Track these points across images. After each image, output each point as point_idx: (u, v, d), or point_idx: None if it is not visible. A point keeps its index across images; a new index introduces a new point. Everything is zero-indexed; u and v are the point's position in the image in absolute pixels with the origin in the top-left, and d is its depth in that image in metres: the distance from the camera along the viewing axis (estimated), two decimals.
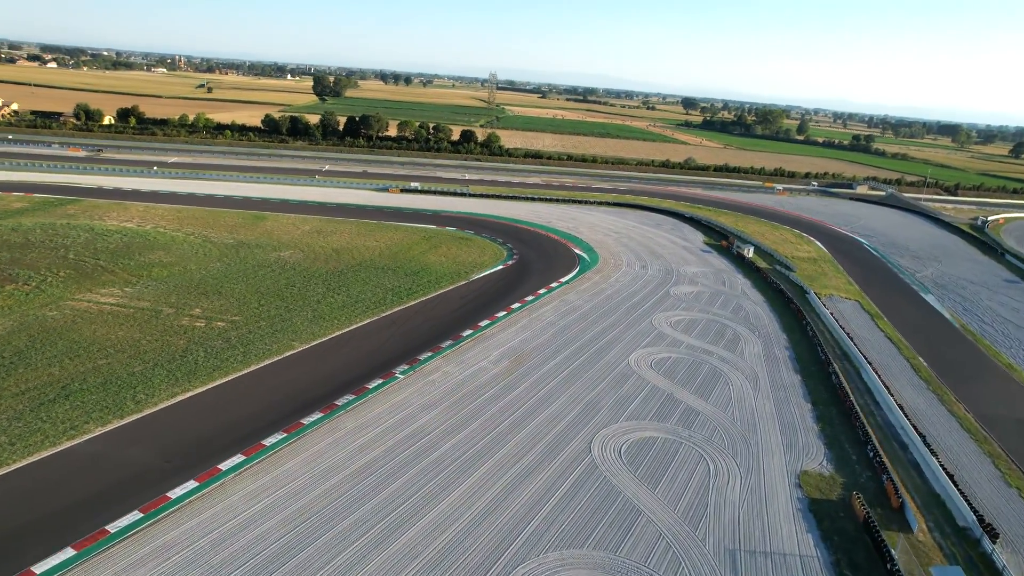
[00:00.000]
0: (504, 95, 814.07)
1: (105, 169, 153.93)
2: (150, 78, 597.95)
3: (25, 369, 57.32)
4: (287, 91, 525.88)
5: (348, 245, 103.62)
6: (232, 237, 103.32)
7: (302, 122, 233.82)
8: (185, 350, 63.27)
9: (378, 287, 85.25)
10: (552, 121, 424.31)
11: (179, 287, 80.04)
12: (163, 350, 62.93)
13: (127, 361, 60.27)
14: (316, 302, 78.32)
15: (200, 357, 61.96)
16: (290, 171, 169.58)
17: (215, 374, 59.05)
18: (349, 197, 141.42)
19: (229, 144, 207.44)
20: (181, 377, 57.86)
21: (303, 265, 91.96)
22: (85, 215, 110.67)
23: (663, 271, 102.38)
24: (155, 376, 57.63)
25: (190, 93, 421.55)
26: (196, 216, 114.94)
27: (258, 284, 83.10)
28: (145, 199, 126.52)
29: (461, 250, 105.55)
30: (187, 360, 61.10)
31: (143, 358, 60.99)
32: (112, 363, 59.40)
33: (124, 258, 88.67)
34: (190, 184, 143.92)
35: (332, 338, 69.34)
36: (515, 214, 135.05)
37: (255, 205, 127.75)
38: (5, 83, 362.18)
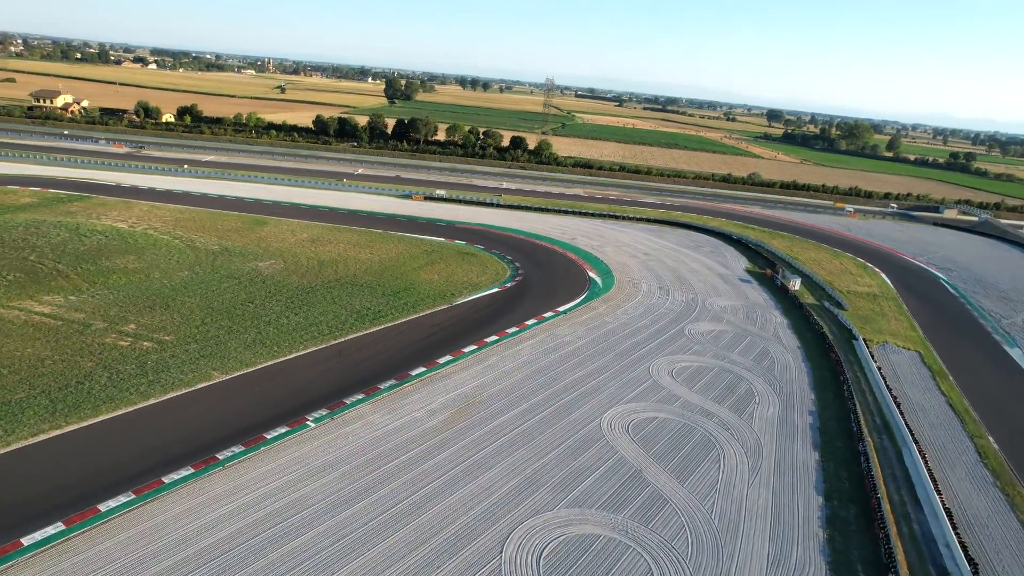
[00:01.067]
0: (581, 103, 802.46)
1: (136, 166, 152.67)
2: (236, 79, 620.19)
3: None
4: (359, 93, 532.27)
5: (338, 257, 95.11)
6: (220, 243, 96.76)
7: (350, 124, 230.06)
8: (87, 375, 55.54)
9: (345, 308, 75.82)
10: (618, 130, 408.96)
11: (128, 297, 73.22)
12: (62, 373, 55.39)
13: (13, 385, 52.97)
14: (266, 323, 69.60)
15: (98, 385, 53.99)
16: (321, 173, 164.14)
17: (101, 408, 50.83)
18: (367, 203, 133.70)
19: (271, 144, 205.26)
20: (60, 410, 49.90)
21: (277, 278, 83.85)
22: (84, 213, 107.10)
23: (685, 303, 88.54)
24: (31, 407, 49.89)
25: (264, 93, 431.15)
26: (196, 218, 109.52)
27: (215, 298, 75.30)
28: (156, 198, 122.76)
29: (460, 267, 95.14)
30: (80, 388, 53.25)
31: (33, 382, 53.57)
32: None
33: (88, 262, 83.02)
34: (211, 184, 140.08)
35: (261, 368, 60.19)
36: (539, 228, 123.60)
37: (264, 209, 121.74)
38: (99, 82, 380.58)
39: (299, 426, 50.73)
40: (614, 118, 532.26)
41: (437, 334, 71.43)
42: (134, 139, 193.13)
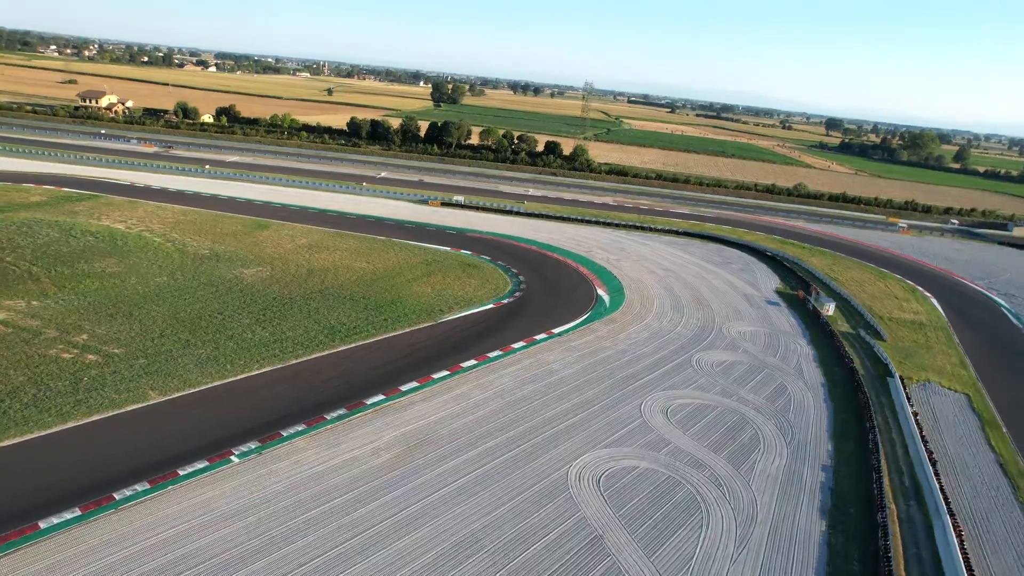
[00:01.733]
0: (632, 108, 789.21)
1: (159, 166, 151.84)
2: (287, 81, 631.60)
3: None
4: (407, 96, 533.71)
5: (331, 265, 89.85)
6: (212, 247, 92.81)
7: (383, 126, 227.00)
8: (13, 391, 51.06)
9: (319, 323, 70.11)
10: (664, 136, 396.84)
11: (93, 304, 69.23)
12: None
13: None
14: (228, 337, 64.39)
15: (18, 404, 49.41)
16: (343, 176, 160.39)
17: (9, 432, 45.98)
18: (380, 208, 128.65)
19: (299, 146, 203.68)
20: None
21: (258, 287, 78.95)
22: (86, 213, 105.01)
23: (700, 327, 79.80)
24: None
25: (312, 95, 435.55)
26: (197, 220, 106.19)
27: (184, 307, 70.66)
28: (165, 199, 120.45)
29: (458, 280, 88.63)
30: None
31: None
32: None
33: (67, 265, 79.73)
34: (226, 185, 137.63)
35: (205, 390, 54.78)
36: (555, 239, 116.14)
37: (271, 212, 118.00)
38: (152, 83, 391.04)
39: (221, 461, 44.88)
40: (663, 124, 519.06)
41: (410, 356, 64.98)
42: (166, 139, 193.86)
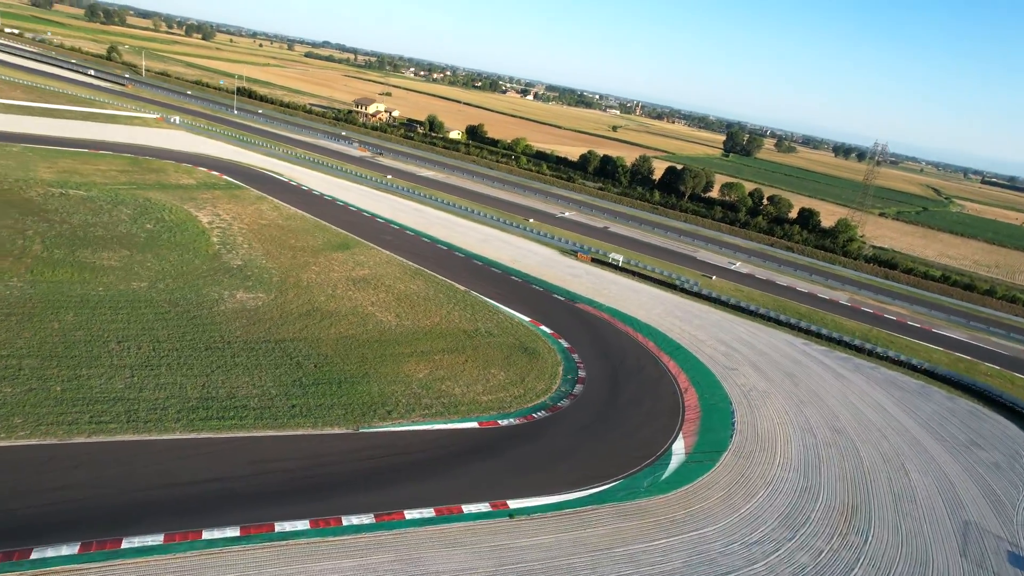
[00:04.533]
0: (986, 191, 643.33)
1: (342, 170, 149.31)
2: (586, 115, 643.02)
3: None
4: (697, 142, 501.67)
5: (348, 310, 70.38)
6: (254, 258, 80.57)
7: (613, 163, 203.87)
8: None
9: (221, 387, 50.74)
10: (1009, 228, 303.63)
11: (26, 297, 58.84)
12: None
13: None
14: (97, 376, 48.00)
15: None
16: (519, 208, 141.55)
17: None
18: (505, 250, 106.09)
19: (508, 171, 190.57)
20: None
21: (220, 318, 62.63)
22: (201, 201, 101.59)
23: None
24: None
25: (594, 129, 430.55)
26: (286, 228, 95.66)
27: (110, 325, 56.95)
28: (292, 200, 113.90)
29: (481, 369, 62.28)
30: None
31: None
32: None
33: (70, 249, 72.67)
34: (375, 197, 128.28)
35: None
36: (693, 332, 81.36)
37: (376, 232, 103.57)
38: (445, 99, 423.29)
39: None
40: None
41: (250, 480, 41.18)
42: (388, 147, 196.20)
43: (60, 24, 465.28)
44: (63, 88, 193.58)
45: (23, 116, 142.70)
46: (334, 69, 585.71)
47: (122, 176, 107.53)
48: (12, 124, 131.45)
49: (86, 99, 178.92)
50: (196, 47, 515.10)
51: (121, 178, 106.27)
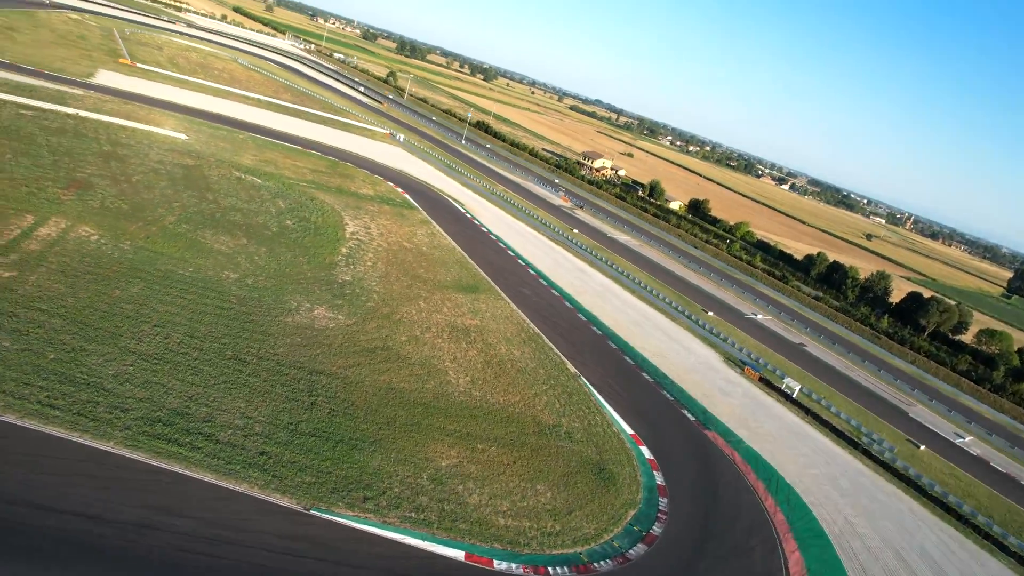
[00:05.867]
0: None
1: (529, 214, 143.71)
2: (842, 216, 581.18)
3: None
4: (970, 272, 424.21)
5: (423, 359, 61.37)
6: (371, 283, 75.52)
7: (846, 273, 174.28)
8: None
9: (220, 412, 44.09)
10: None
11: (124, 266, 58.95)
12: None
13: None
14: (78, 362, 44.58)
15: None
16: (714, 301, 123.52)
17: None
18: (661, 342, 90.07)
19: (716, 254, 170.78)
20: None
21: (288, 334, 57.28)
22: (366, 214, 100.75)
23: None
24: None
25: (843, 232, 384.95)
26: (429, 257, 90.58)
27: (167, 310, 54.31)
28: (455, 234, 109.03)
29: (537, 476, 49.02)
30: None
31: None
32: None
33: (214, 233, 72.96)
34: (554, 252, 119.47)
35: None
36: (871, 531, 58.67)
37: (526, 286, 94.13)
38: (687, 170, 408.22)
39: None
40: None
41: (121, 528, 32.96)
42: (587, 199, 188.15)
43: (373, 53, 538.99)
44: (328, 97, 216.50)
45: (275, 113, 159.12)
46: (590, 124, 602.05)
47: (310, 174, 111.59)
48: (260, 117, 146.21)
49: (339, 108, 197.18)
50: (471, 84, 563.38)
51: (308, 175, 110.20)
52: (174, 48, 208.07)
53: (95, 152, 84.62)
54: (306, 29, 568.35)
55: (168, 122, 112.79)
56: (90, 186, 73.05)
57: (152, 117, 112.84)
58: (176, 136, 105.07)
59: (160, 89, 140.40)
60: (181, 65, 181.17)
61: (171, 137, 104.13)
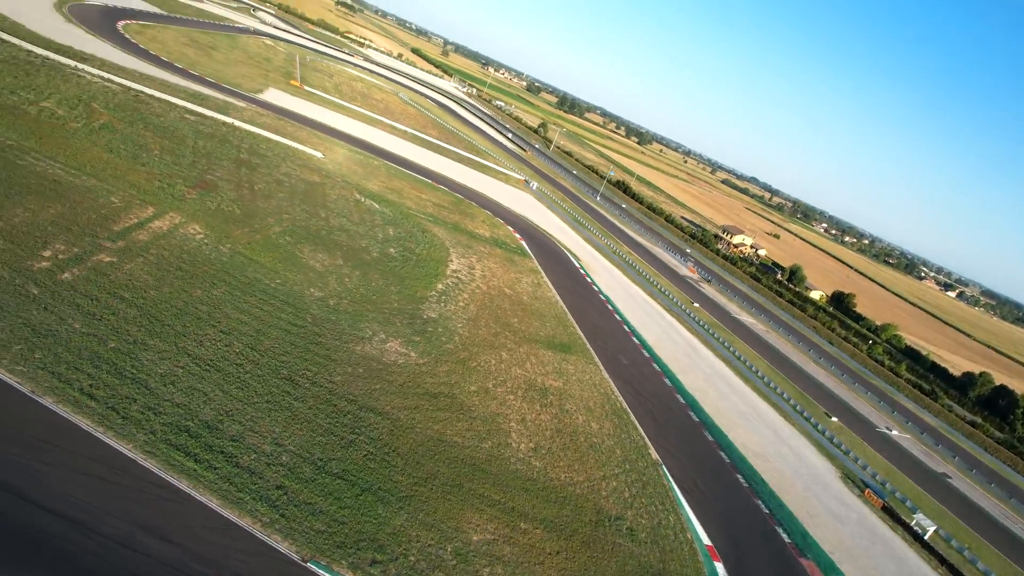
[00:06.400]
0: None
1: (650, 280, 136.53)
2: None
3: None
4: None
5: (488, 416, 57.06)
6: (457, 325, 72.73)
7: (1015, 401, 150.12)
8: None
9: (251, 434, 42.48)
10: None
11: (216, 268, 60.34)
12: None
13: None
14: (133, 355, 44.76)
15: None
16: (842, 407, 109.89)
17: None
18: (766, 442, 79.51)
19: (853, 354, 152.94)
20: None
21: (352, 363, 55.37)
22: (474, 254, 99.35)
23: None
24: None
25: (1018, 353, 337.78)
26: (527, 308, 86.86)
27: (239, 319, 54.19)
28: (563, 288, 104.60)
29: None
30: None
31: None
32: None
33: (313, 249, 73.85)
34: (667, 324, 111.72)
35: None
36: None
37: (624, 355, 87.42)
38: (841, 262, 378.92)
39: None
40: None
41: (100, 544, 30.83)
42: (717, 273, 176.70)
43: (532, 104, 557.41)
44: (474, 138, 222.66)
45: (417, 145, 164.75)
46: (738, 199, 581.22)
47: (432, 207, 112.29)
48: (401, 148, 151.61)
49: (481, 150, 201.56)
50: (622, 145, 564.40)
51: (429, 208, 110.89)
52: (343, 77, 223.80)
53: (232, 158, 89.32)
54: (474, 75, 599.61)
55: (311, 140, 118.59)
56: (214, 188, 76.33)
57: (298, 134, 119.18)
58: (313, 154, 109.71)
59: (316, 111, 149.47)
60: (344, 92, 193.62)
61: (308, 154, 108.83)
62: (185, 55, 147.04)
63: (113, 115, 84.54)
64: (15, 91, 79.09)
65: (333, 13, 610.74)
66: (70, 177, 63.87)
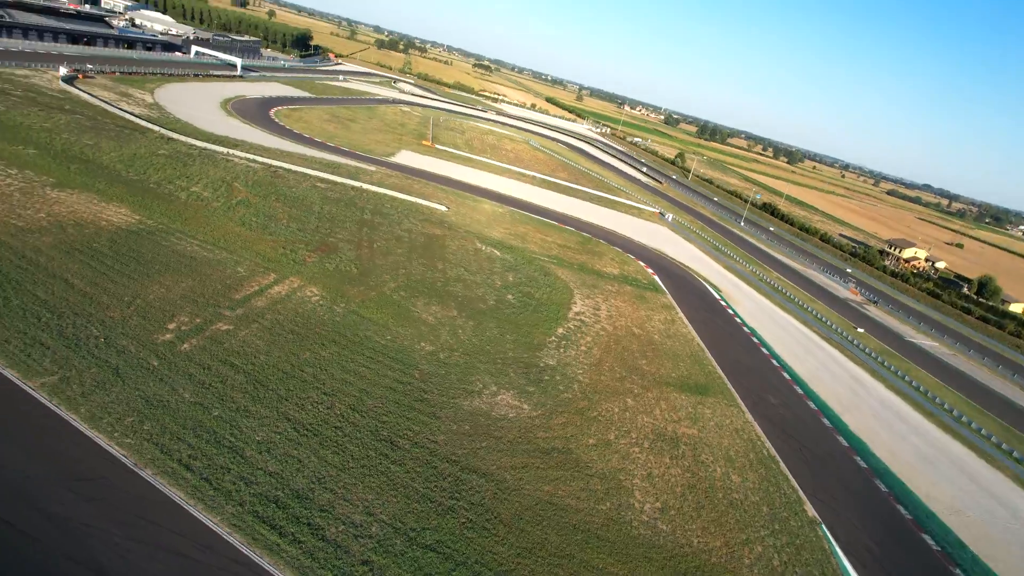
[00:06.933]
0: None
1: (802, 306, 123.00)
2: None
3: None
4: None
5: (607, 472, 51.88)
6: (576, 372, 68.33)
7: None
8: None
9: (341, 504, 41.32)
10: None
11: (329, 328, 61.49)
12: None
13: None
14: (228, 419, 45.51)
15: None
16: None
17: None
18: (969, 506, 65.59)
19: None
20: None
21: (458, 420, 53.17)
22: (600, 293, 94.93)
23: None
24: None
25: None
26: (659, 348, 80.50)
27: (343, 379, 54.20)
28: (699, 323, 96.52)
29: None
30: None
31: None
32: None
33: (426, 302, 73.60)
34: (824, 356, 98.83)
35: None
36: None
37: (773, 394, 77.40)
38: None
39: None
40: None
41: None
42: (887, 294, 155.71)
43: (670, 137, 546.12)
44: (605, 175, 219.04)
45: (545, 189, 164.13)
46: (909, 210, 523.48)
47: (557, 249, 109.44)
48: (528, 193, 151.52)
49: (613, 186, 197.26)
50: (770, 167, 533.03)
51: (554, 250, 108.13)
52: (474, 132, 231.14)
53: (355, 219, 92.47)
54: (608, 115, 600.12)
55: (436, 195, 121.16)
56: (335, 250, 78.67)
57: (424, 190, 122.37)
58: (437, 207, 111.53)
59: (445, 166, 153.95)
60: (474, 146, 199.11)
61: (432, 208, 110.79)
62: (326, 130, 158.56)
63: (250, 191, 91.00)
64: (172, 180, 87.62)
65: (471, 75, 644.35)
66: (205, 252, 68.27)
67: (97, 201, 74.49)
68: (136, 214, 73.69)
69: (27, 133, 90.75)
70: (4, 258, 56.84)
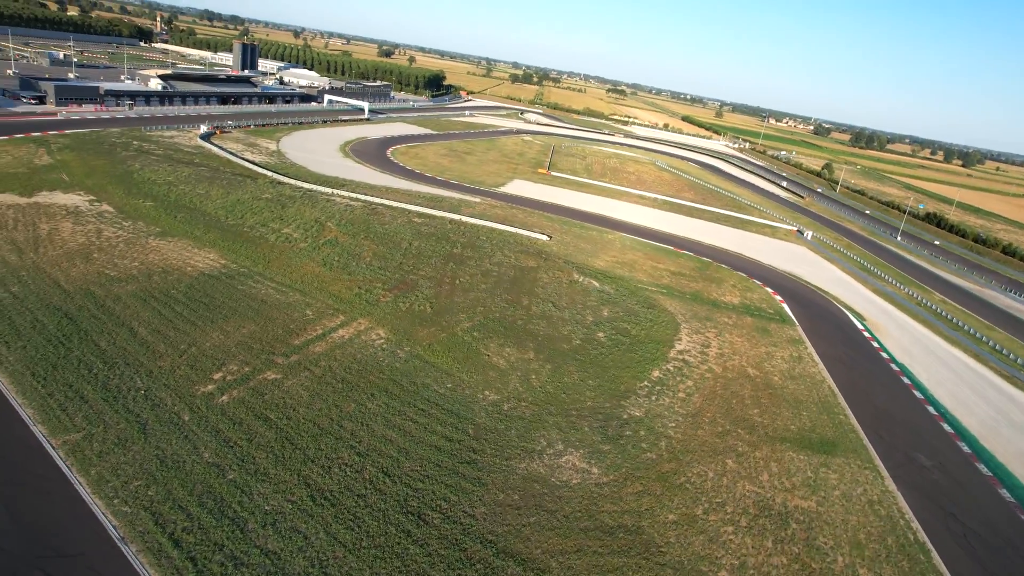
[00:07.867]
0: None
1: (977, 336, 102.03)
2: None
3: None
4: None
5: (689, 558, 42.17)
6: (669, 425, 58.73)
7: None
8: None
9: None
10: None
11: (386, 376, 57.41)
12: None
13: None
14: (240, 484, 41.85)
15: None
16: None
17: None
18: None
19: None
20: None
21: (509, 489, 46.30)
22: (713, 327, 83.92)
23: None
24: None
25: None
26: (778, 392, 68.24)
27: (385, 435, 49.40)
28: (833, 359, 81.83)
29: None
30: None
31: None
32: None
33: (501, 344, 67.51)
34: (1017, 407, 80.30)
35: None
36: None
37: (928, 451, 62.20)
38: None
39: None
40: None
41: None
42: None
43: (819, 147, 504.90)
44: (738, 193, 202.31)
45: (665, 211, 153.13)
46: None
47: (668, 277, 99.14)
48: (645, 217, 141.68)
49: (745, 204, 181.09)
50: (941, 172, 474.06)
51: (665, 279, 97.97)
52: (596, 156, 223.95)
53: (443, 254, 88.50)
54: (749, 129, 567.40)
55: (540, 224, 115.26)
56: (413, 287, 74.72)
57: (528, 220, 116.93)
58: (538, 237, 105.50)
59: (558, 193, 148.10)
60: (593, 171, 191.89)
61: (533, 238, 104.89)
62: (439, 164, 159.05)
63: (341, 230, 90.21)
64: (266, 223, 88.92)
65: (604, 100, 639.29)
66: (277, 295, 66.79)
67: (191, 247, 76.17)
68: (223, 258, 74.35)
69: (150, 187, 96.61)
70: (84, 308, 57.99)
